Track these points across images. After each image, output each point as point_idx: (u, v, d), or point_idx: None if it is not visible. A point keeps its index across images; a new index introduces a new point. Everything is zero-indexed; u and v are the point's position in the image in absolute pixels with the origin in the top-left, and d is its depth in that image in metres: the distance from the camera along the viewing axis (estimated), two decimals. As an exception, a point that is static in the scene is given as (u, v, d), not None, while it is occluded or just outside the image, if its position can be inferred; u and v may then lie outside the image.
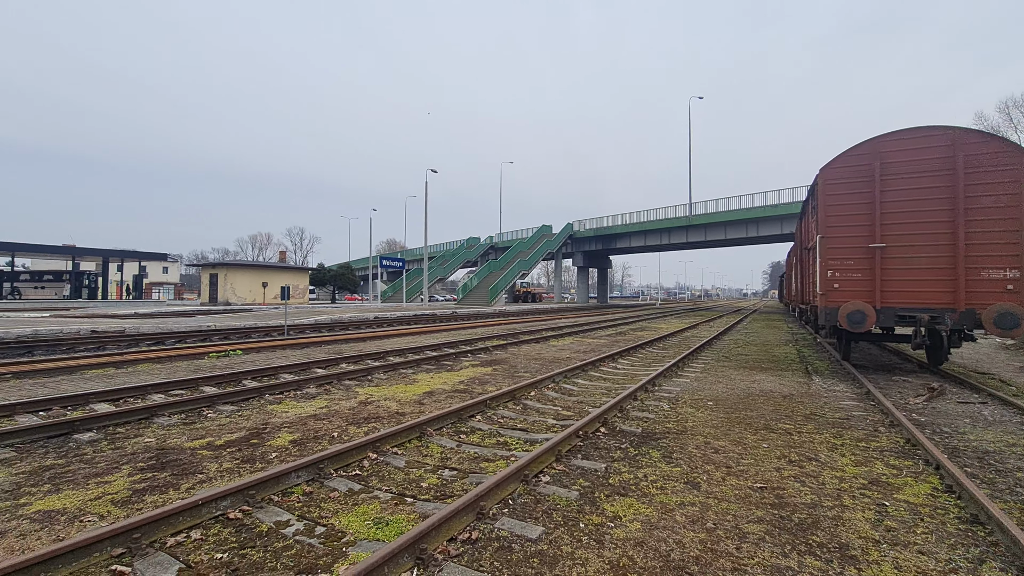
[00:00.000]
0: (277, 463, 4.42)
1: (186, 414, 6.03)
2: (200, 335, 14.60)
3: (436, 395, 7.40)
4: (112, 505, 3.55)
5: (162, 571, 2.72)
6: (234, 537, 3.11)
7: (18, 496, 3.67)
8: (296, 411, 6.31)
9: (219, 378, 7.87)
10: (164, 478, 4.06)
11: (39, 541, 3.04)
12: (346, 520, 3.35)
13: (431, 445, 5.01)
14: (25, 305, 34.02)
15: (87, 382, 7.87)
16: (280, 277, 41.70)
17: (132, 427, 5.48)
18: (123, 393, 6.75)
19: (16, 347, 11.31)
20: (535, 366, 10.37)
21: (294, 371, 8.96)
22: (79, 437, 5.02)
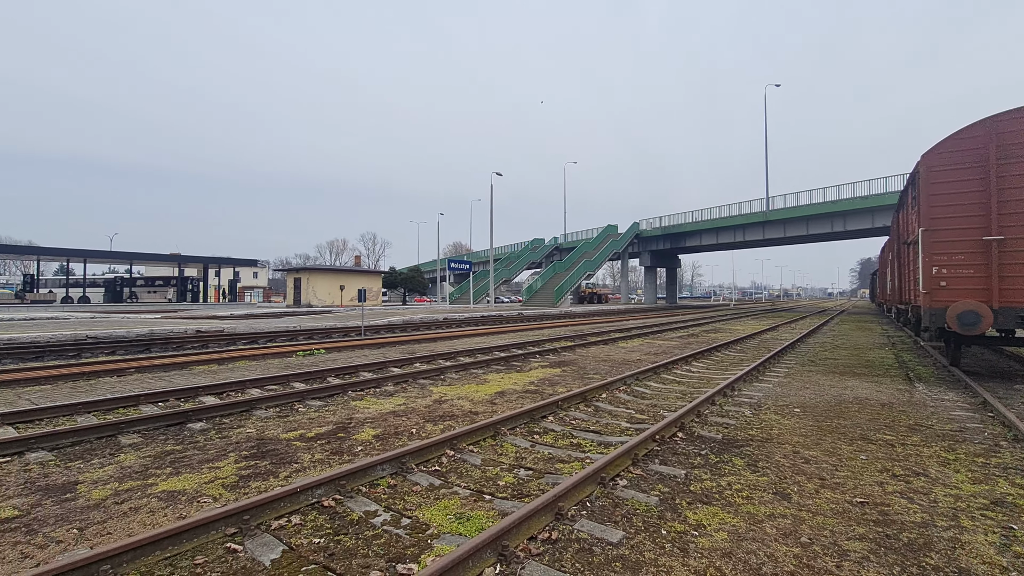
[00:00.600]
0: (363, 456, 4.68)
1: (280, 408, 6.53)
2: (287, 335, 15.73)
3: (507, 395, 7.50)
4: (223, 488, 3.91)
5: (269, 551, 2.96)
6: (329, 524, 3.33)
7: (147, 477, 4.14)
8: (376, 407, 6.64)
9: (306, 375, 8.44)
10: (265, 466, 4.42)
11: (166, 517, 3.41)
12: (429, 513, 3.48)
13: (505, 444, 5.08)
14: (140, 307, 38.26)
15: (195, 377, 8.72)
16: (356, 280, 43.99)
17: (235, 418, 6.01)
18: (226, 387, 7.41)
19: (136, 345, 12.76)
20: (604, 368, 10.22)
21: (372, 370, 9.43)
22: (192, 426, 5.58)
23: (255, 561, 2.86)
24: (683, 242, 56.51)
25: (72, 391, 7.35)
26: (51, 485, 3.93)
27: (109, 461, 4.49)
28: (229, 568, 2.79)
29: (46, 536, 3.13)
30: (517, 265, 65.69)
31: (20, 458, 4.50)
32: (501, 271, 61.49)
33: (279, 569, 2.79)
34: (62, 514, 3.43)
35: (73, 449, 4.79)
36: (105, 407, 6.19)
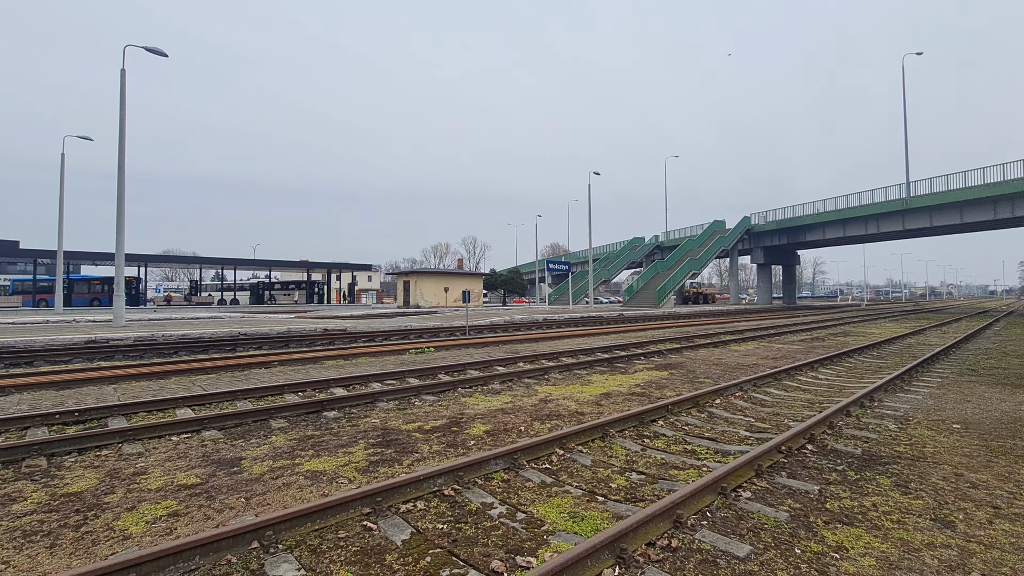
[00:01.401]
0: (476, 450, 4.88)
1: (399, 401, 7.04)
2: (400, 333, 16.89)
3: (613, 397, 7.38)
4: (356, 472, 4.32)
5: (399, 532, 3.21)
6: (450, 512, 3.53)
7: (294, 457, 4.70)
8: (485, 404, 6.89)
9: (420, 371, 9.00)
10: (390, 454, 4.79)
11: (312, 494, 3.84)
12: (543, 510, 3.55)
13: (615, 447, 5.01)
14: (277, 308, 43.37)
15: (326, 370, 9.70)
16: (459, 282, 45.97)
17: (361, 409, 6.59)
18: (352, 380, 8.15)
19: (277, 341, 14.51)
20: (716, 372, 9.64)
21: (479, 368, 9.79)
22: (327, 414, 6.22)
23: (388, 540, 3.12)
24: (802, 236, 51.35)
25: (232, 380, 8.55)
26: (222, 459, 4.61)
27: (264, 441, 5.16)
28: (366, 544, 3.07)
29: (221, 502, 3.68)
30: (616, 265, 64.25)
31: (197, 435, 5.33)
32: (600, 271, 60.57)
33: (409, 549, 3.01)
34: (232, 485, 4.01)
35: (236, 429, 5.58)
36: (257, 395, 7.12)
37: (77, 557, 2.92)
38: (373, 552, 2.97)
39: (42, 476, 4.16)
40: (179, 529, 3.26)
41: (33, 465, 4.35)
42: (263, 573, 2.73)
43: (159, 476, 4.16)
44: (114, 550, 2.98)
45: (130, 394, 7.30)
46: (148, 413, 6.14)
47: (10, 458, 4.44)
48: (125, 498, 3.73)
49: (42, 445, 4.63)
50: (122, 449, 4.81)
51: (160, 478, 4.12)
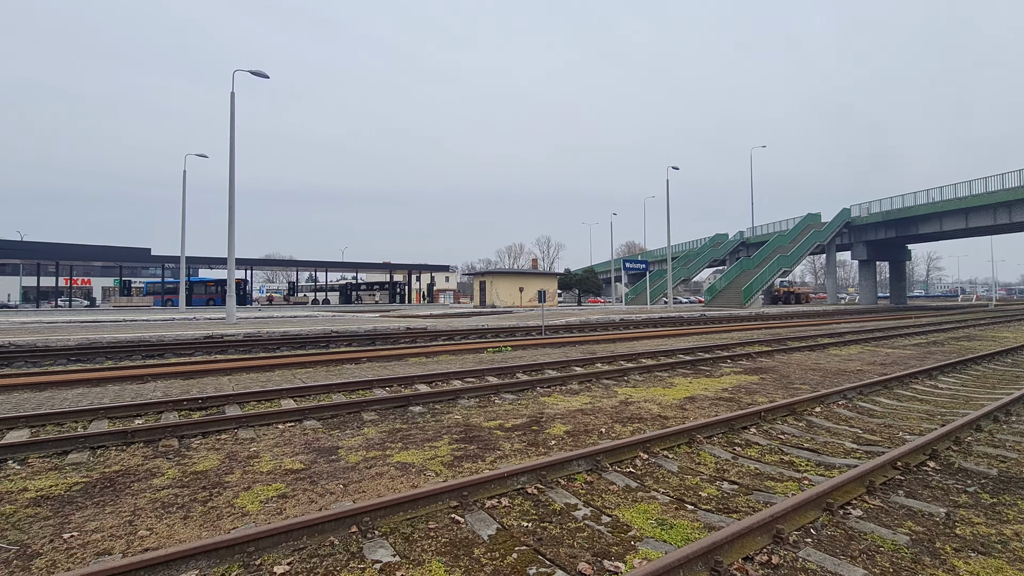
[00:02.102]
0: (557, 450, 4.88)
1: (479, 399, 7.20)
2: (477, 332, 17.28)
3: (698, 401, 7.06)
4: (442, 466, 4.47)
5: (485, 527, 3.28)
6: (534, 510, 3.55)
7: (384, 448, 4.96)
8: (564, 404, 6.86)
9: (498, 370, 9.14)
10: (473, 450, 4.91)
11: (402, 484, 4.04)
12: (629, 514, 3.46)
13: (702, 453, 4.79)
14: (363, 308, 46.08)
15: (410, 367, 10.15)
16: (533, 282, 46.20)
17: (444, 405, 6.82)
18: (434, 377, 8.46)
19: (364, 338, 15.41)
20: (814, 378, 8.90)
21: (556, 368, 9.78)
22: (413, 409, 6.51)
23: (475, 534, 3.20)
24: (913, 229, 46.01)
25: (327, 374, 9.21)
26: (321, 447, 4.97)
27: (357, 432, 5.49)
28: (455, 536, 3.17)
29: (323, 487, 3.97)
30: (697, 263, 61.41)
31: (299, 424, 5.79)
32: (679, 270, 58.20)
33: (495, 544, 3.07)
34: (331, 471, 4.32)
35: (332, 420, 5.99)
36: (350, 388, 7.60)
37: (205, 528, 3.28)
38: (461, 544, 3.06)
39: (175, 455, 4.72)
40: (288, 510, 3.55)
41: (167, 445, 4.95)
42: (362, 556, 2.91)
43: (269, 460, 4.57)
44: (235, 525, 3.31)
45: (242, 385, 8.08)
46: (258, 402, 6.77)
47: (150, 438, 5.08)
48: (242, 478, 4.13)
49: (174, 428, 5.25)
50: (238, 434, 5.34)
51: (270, 462, 4.52)
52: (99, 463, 4.49)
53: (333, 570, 2.77)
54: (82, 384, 7.93)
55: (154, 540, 3.13)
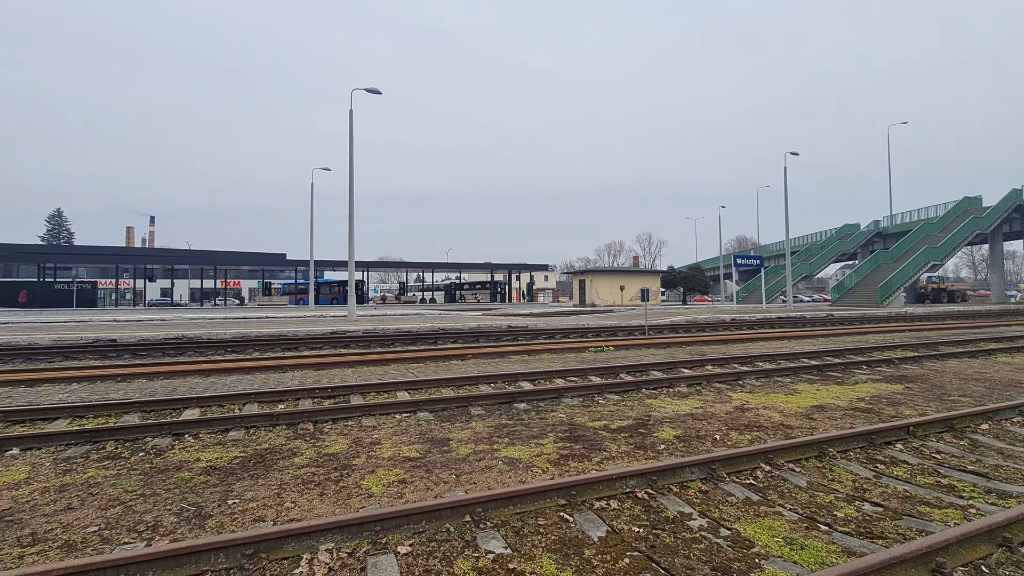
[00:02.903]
0: (667, 455, 4.68)
1: (583, 398, 7.14)
2: (578, 331, 17.17)
3: (828, 411, 6.36)
4: (548, 463, 4.50)
5: (595, 528, 3.25)
6: (644, 516, 3.44)
7: (492, 443, 5.12)
8: (672, 408, 6.57)
9: (601, 370, 9.00)
10: (579, 449, 4.89)
11: (510, 479, 4.13)
12: (751, 530, 3.22)
13: (836, 469, 4.30)
14: (465, 307, 48.01)
15: (512, 364, 10.37)
16: (635, 280, 44.84)
17: (548, 403, 6.87)
18: (537, 375, 8.55)
19: (469, 336, 16.04)
20: (977, 389, 7.60)
21: (662, 369, 9.39)
22: (517, 406, 6.64)
23: (584, 534, 3.18)
24: (1119, 210, 37.27)
25: (436, 369, 9.73)
26: (434, 438, 5.26)
27: (466, 426, 5.73)
28: (564, 535, 3.18)
29: (437, 476, 4.20)
30: (821, 258, 55.38)
31: (414, 415, 6.18)
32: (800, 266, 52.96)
33: (606, 547, 3.02)
34: (443, 462, 4.55)
35: (443, 413, 6.31)
36: (457, 383, 7.95)
37: (338, 505, 3.62)
38: (571, 543, 3.06)
39: (311, 438, 5.28)
40: (407, 494, 3.81)
41: (304, 428, 5.56)
42: (475, 545, 3.02)
43: (389, 447, 4.93)
44: (363, 505, 3.62)
45: (363, 376, 8.82)
46: (377, 393, 7.34)
47: (291, 421, 5.74)
48: (367, 463, 4.51)
49: (309, 413, 5.88)
50: (361, 422, 5.84)
51: (390, 449, 4.88)
52: (252, 441, 5.17)
53: (450, 555, 2.92)
54: (237, 372, 9.19)
55: (297, 512, 3.52)
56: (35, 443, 4.91)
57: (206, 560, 2.72)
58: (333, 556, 2.86)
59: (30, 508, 3.58)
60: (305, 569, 2.75)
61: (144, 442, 5.07)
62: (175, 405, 6.40)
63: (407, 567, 2.79)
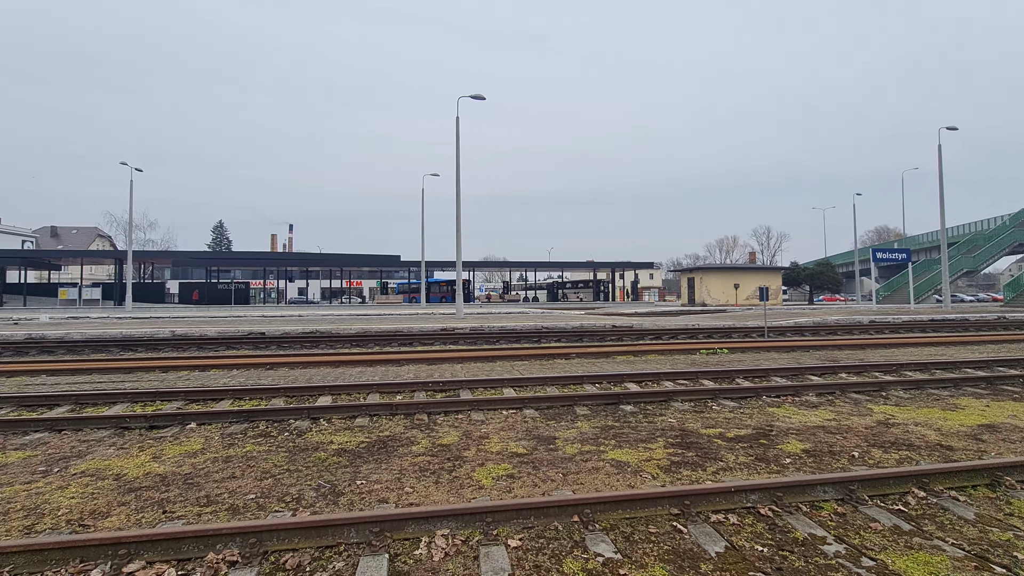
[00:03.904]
0: (794, 470, 4.27)
1: (694, 403, 6.77)
2: (687, 332, 16.31)
3: (1002, 431, 5.36)
4: (658, 469, 4.34)
5: (712, 543, 3.06)
6: (769, 535, 3.17)
7: (598, 444, 5.05)
8: (799, 418, 5.97)
9: (714, 374, 8.46)
10: (691, 457, 4.64)
11: (618, 482, 4.05)
12: (902, 563, 2.82)
13: (1016, 502, 3.61)
14: (567, 306, 47.92)
15: (617, 365, 10.15)
16: (751, 278, 41.50)
17: (656, 406, 6.62)
18: (643, 377, 8.27)
19: (572, 335, 15.99)
20: None
21: (785, 375, 8.58)
22: (624, 407, 6.48)
23: (700, 548, 3.01)
24: None
25: (540, 367, 9.84)
26: (540, 436, 5.32)
27: (571, 425, 5.72)
28: (677, 545, 3.04)
29: (544, 474, 4.25)
30: (989, 250, 46.78)
31: (520, 412, 6.30)
32: (959, 259, 45.27)
33: (725, 563, 2.83)
34: (550, 460, 4.58)
35: (548, 411, 6.37)
36: (562, 382, 7.97)
37: (451, 494, 3.82)
38: (686, 555, 2.92)
39: (425, 428, 5.63)
40: (515, 489, 3.90)
41: (420, 419, 5.94)
42: (584, 546, 3.01)
43: (497, 442, 5.09)
44: (474, 495, 3.78)
45: (471, 372, 9.20)
46: (484, 389, 7.61)
47: (408, 412, 6.16)
48: (476, 455, 4.70)
49: (424, 405, 6.27)
50: (471, 416, 6.09)
51: (498, 444, 5.03)
52: (375, 428, 5.64)
53: (558, 553, 2.93)
54: (361, 364, 10.08)
55: (416, 497, 3.78)
56: (207, 419, 5.82)
57: (340, 533, 3.02)
58: (448, 542, 3.02)
59: (204, 474, 4.25)
60: (424, 551, 2.94)
61: (288, 423, 5.76)
62: (311, 392, 7.19)
63: (517, 560, 2.86)
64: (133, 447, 4.96)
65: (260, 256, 57.84)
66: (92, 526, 3.31)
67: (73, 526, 3.30)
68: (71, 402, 6.63)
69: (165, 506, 3.61)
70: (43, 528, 3.27)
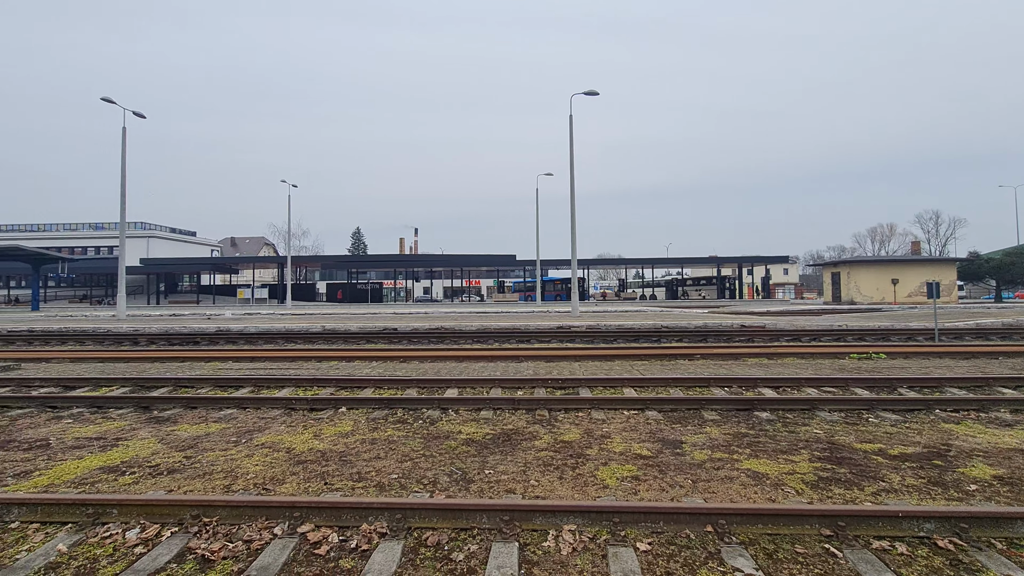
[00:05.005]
0: (982, 500, 3.59)
1: (845, 413, 6.01)
2: (832, 334, 14.50)
3: None
4: (803, 484, 3.94)
5: (873, 572, 2.70)
6: (949, 571, 2.72)
7: (731, 452, 4.73)
8: (987, 438, 5.01)
9: (868, 381, 7.42)
10: (844, 474, 4.13)
11: (756, 494, 3.75)
12: None
13: None
14: (689, 304, 45.28)
15: (749, 368, 9.37)
16: (914, 272, 35.63)
17: (796, 415, 5.99)
18: (780, 382, 7.54)
19: (695, 335, 15.10)
20: None
21: (965, 386, 7.24)
22: (759, 414, 5.98)
23: None
24: None
25: (661, 368, 9.45)
26: (665, 439, 5.13)
27: (699, 430, 5.43)
28: (830, 570, 2.73)
29: (671, 478, 4.08)
30: None
31: (642, 413, 6.13)
32: None
33: (892, 598, 2.49)
34: (677, 464, 4.40)
35: (672, 414, 6.10)
36: (686, 384, 7.58)
37: (576, 491, 3.85)
38: (842, 583, 2.62)
39: (547, 424, 5.73)
40: (641, 492, 3.81)
41: (540, 415, 6.06)
42: (720, 558, 2.84)
43: (619, 442, 5.01)
44: (599, 494, 3.77)
45: (589, 371, 9.14)
46: (604, 388, 7.52)
47: (529, 407, 6.32)
48: (599, 454, 4.67)
49: (544, 401, 6.39)
50: (591, 414, 6.07)
51: (621, 444, 4.95)
52: (499, 421, 5.87)
53: (692, 563, 2.81)
54: (483, 359, 10.56)
55: (540, 490, 3.87)
56: (354, 405, 6.53)
57: (473, 518, 3.20)
58: (576, 537, 3.05)
59: (355, 453, 4.78)
60: (552, 544, 3.01)
61: (421, 412, 6.25)
62: (440, 384, 7.70)
63: (647, 565, 2.80)
64: (299, 425, 5.75)
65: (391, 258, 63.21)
66: (272, 490, 3.91)
67: (259, 489, 3.93)
68: (251, 384, 7.87)
69: (326, 478, 4.14)
70: (237, 488, 3.95)
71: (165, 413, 6.35)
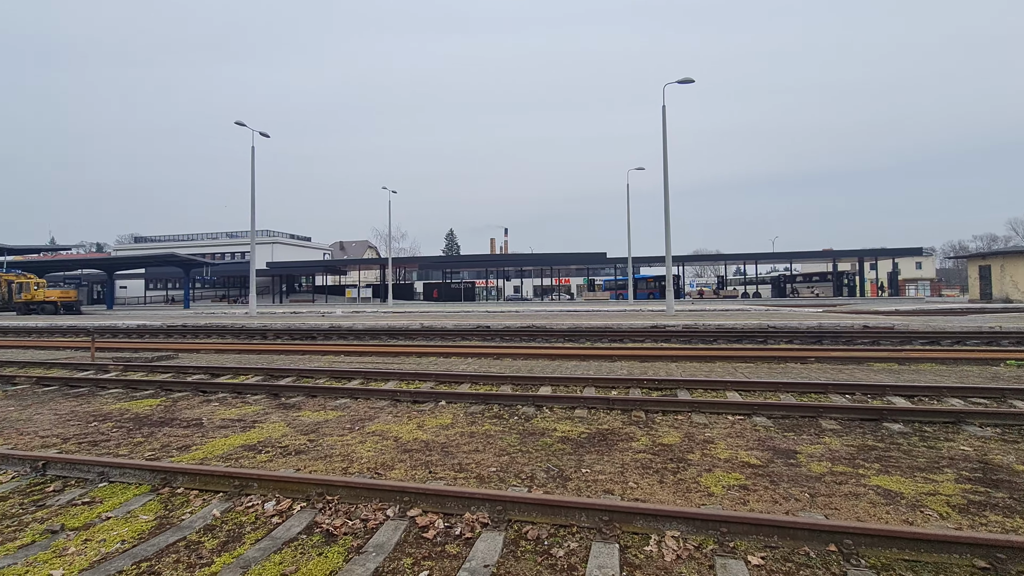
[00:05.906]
0: None
1: (1001, 429, 5.18)
2: (980, 336, 12.49)
3: None
4: (948, 507, 3.45)
5: (1047, 615, 2.31)
6: None
7: (855, 466, 4.27)
8: None
9: (1034, 393, 6.31)
10: (1002, 499, 3.57)
11: (888, 515, 3.36)
12: None
13: None
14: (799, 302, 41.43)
15: (874, 373, 8.39)
16: (1094, 263, 29.58)
17: (937, 428, 5.27)
18: (916, 391, 6.66)
19: (808, 336, 13.80)
20: None
21: None
22: (889, 426, 5.33)
23: (1027, 618, 2.30)
24: None
25: (769, 371, 8.77)
26: (776, 448, 4.76)
27: (816, 440, 4.97)
28: (988, 608, 2.38)
29: (784, 491, 3.79)
30: None
31: (749, 419, 5.74)
32: None
33: (1073, 649, 2.11)
34: (791, 476, 4.06)
35: (784, 421, 5.64)
36: (799, 389, 6.96)
37: (678, 496, 3.71)
38: (1003, 624, 2.27)
39: (643, 425, 5.57)
40: (751, 503, 3.57)
41: (637, 416, 5.91)
42: (846, 582, 2.59)
43: (724, 448, 4.74)
44: (703, 501, 3.60)
45: (687, 372, 8.74)
46: (704, 390, 7.15)
47: (624, 408, 6.19)
48: (702, 460, 4.46)
49: (640, 402, 6.22)
50: (691, 418, 5.80)
51: (726, 450, 4.68)
52: (594, 420, 5.82)
53: (812, 583, 2.59)
54: (575, 358, 10.52)
55: (640, 493, 3.78)
56: (452, 399, 6.83)
57: (572, 515, 3.22)
58: (680, 544, 2.95)
59: (455, 445, 5.00)
60: (654, 549, 2.93)
61: (516, 408, 6.37)
62: (534, 382, 7.80)
63: (760, 580, 2.63)
64: (404, 416, 6.14)
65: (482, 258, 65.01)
66: (384, 475, 4.21)
67: (371, 473, 4.26)
68: (361, 377, 8.54)
69: (430, 467, 4.38)
70: (353, 471, 4.31)
71: (291, 400, 7.09)
